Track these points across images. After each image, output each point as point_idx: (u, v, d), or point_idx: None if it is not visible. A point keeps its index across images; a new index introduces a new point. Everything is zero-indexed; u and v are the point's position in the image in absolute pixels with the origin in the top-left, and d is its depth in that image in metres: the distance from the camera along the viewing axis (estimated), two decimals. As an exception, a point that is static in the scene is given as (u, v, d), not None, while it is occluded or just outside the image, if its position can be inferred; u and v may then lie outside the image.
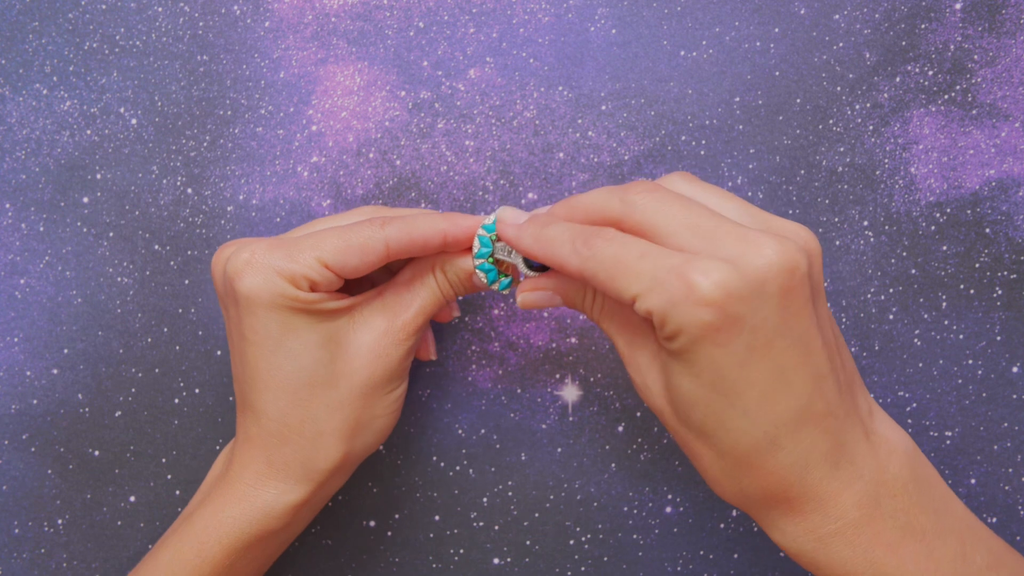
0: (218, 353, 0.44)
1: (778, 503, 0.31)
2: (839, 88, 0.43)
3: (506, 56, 0.43)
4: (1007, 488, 0.43)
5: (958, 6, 0.42)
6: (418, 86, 0.43)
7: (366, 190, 0.43)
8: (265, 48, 0.43)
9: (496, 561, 0.44)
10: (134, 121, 0.44)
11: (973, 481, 0.43)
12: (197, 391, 0.44)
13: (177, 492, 0.44)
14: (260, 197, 0.44)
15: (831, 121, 0.43)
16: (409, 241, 0.35)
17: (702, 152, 0.43)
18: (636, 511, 0.44)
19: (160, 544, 0.37)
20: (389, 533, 0.44)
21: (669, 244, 0.30)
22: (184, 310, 0.44)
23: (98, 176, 0.44)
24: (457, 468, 0.44)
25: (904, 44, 0.42)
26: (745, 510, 0.33)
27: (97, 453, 0.44)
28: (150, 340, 0.44)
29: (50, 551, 0.44)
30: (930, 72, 0.42)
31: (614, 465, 0.44)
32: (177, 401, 0.44)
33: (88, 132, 0.44)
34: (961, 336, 0.43)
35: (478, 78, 0.43)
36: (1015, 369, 0.43)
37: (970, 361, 0.43)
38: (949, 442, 0.43)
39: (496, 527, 0.44)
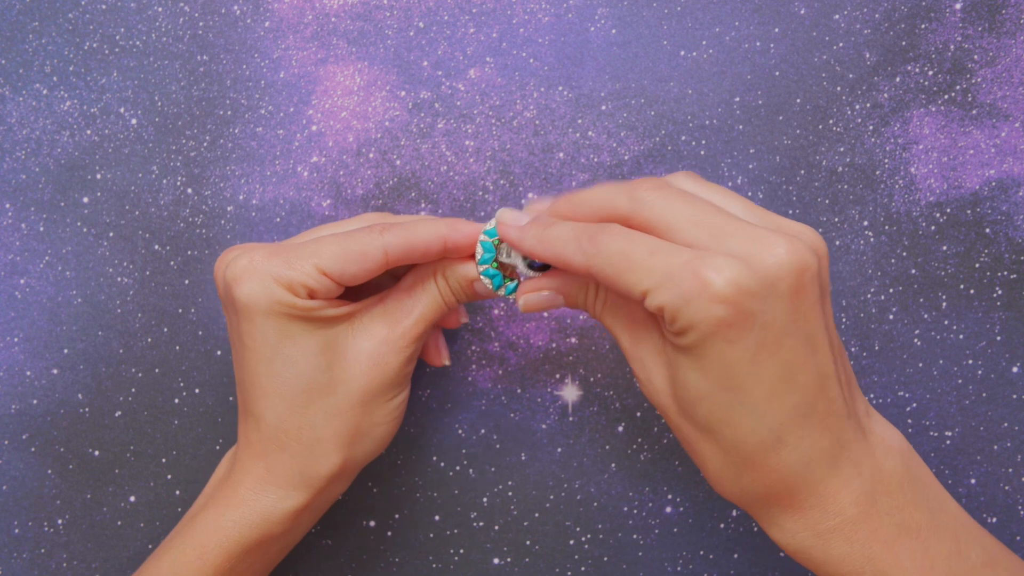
0: (218, 353, 0.44)
1: (779, 500, 0.31)
2: (839, 88, 0.43)
3: (506, 56, 0.43)
4: (1007, 488, 0.43)
5: (958, 6, 0.42)
6: (418, 86, 0.43)
7: (366, 190, 0.43)
8: (265, 48, 0.43)
9: (496, 561, 0.44)
10: (134, 121, 0.44)
11: (973, 481, 0.43)
12: (197, 391, 0.44)
13: (177, 492, 0.44)
14: (260, 197, 0.44)
15: (831, 121, 0.43)
16: (408, 248, 0.35)
17: (702, 152, 0.43)
18: (636, 511, 0.44)
19: (162, 547, 0.37)
20: (389, 533, 0.44)
21: (678, 241, 0.30)
22: (184, 310, 0.44)
23: (98, 176, 0.44)
24: (457, 468, 0.44)
25: (904, 44, 0.42)
26: (745, 507, 0.33)
27: (97, 453, 0.44)
28: (150, 340, 0.44)
29: (50, 551, 0.44)
30: (930, 72, 0.42)
31: (614, 465, 0.44)
32: (177, 401, 0.44)
33: (88, 132, 0.44)
34: (961, 336, 0.43)
35: (478, 78, 0.43)
36: (1015, 369, 0.43)
37: (970, 361, 0.43)
38: (949, 442, 0.43)
39: (496, 527, 0.44)
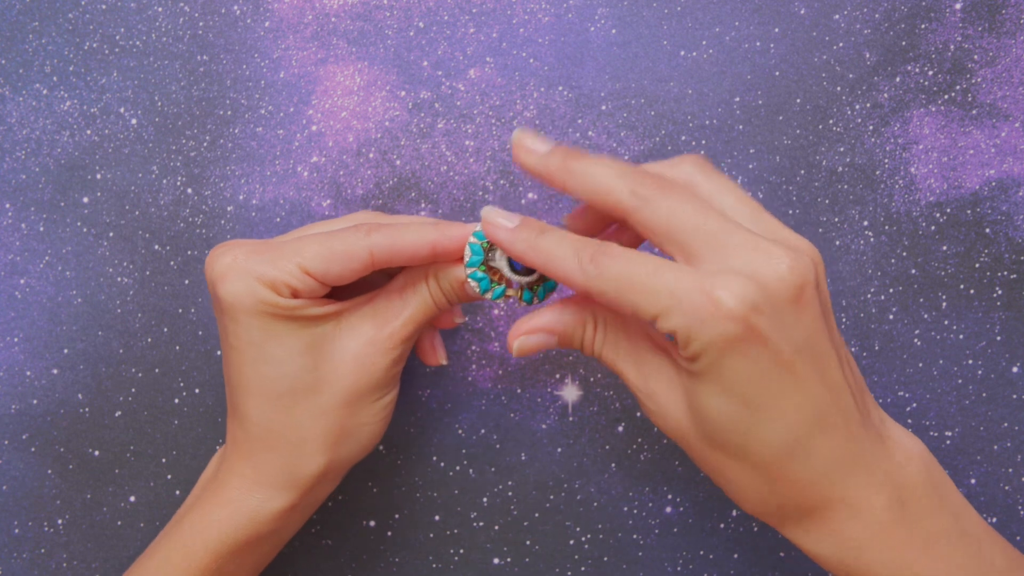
0: (218, 353, 0.44)
1: (813, 511, 0.31)
2: (839, 88, 0.43)
3: (506, 56, 0.43)
4: (1007, 488, 0.43)
5: (958, 6, 0.42)
6: (418, 86, 0.43)
7: (366, 190, 0.43)
8: (265, 48, 0.43)
9: (496, 561, 0.44)
10: (134, 121, 0.44)
11: (973, 481, 0.43)
12: (197, 391, 0.44)
13: (177, 492, 0.44)
14: (260, 197, 0.44)
15: (831, 121, 0.43)
16: (395, 250, 0.34)
17: (702, 152, 0.43)
18: (636, 511, 0.44)
19: (151, 548, 0.37)
20: (389, 533, 0.44)
21: (678, 248, 0.30)
22: (184, 310, 0.44)
23: (98, 176, 0.44)
24: (457, 468, 0.44)
25: (904, 44, 0.42)
26: (781, 525, 0.32)
27: (97, 453, 0.44)
28: (150, 340, 0.44)
29: (50, 551, 0.44)
30: (930, 72, 0.42)
31: (614, 465, 0.44)
32: (177, 401, 0.44)
33: (88, 132, 0.44)
34: (961, 336, 0.43)
35: (478, 78, 0.43)
36: (1015, 369, 0.43)
37: (970, 361, 0.43)
38: (949, 442, 0.43)
39: (496, 527, 0.44)
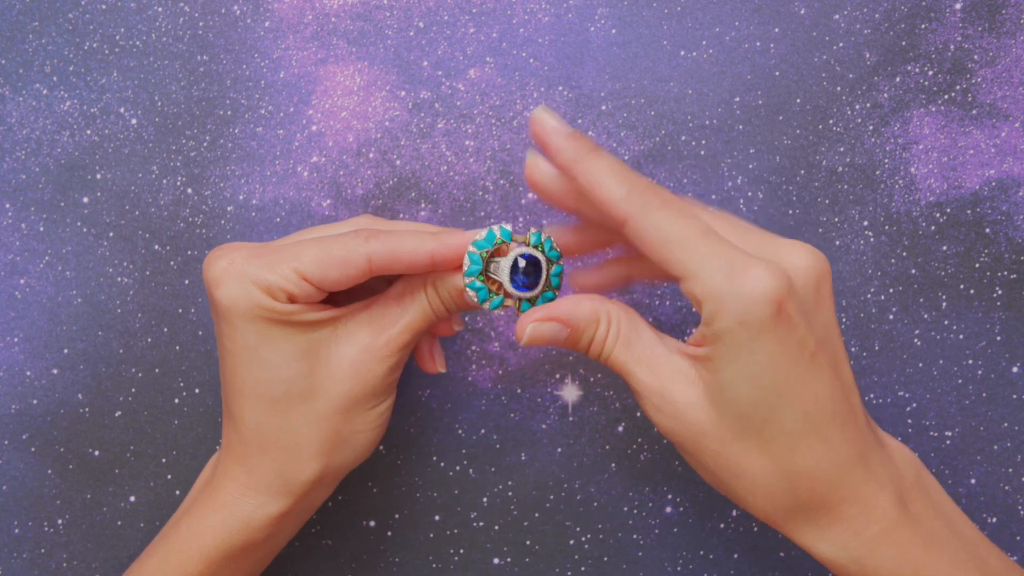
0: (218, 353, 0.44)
1: (823, 509, 0.31)
2: (839, 88, 0.43)
3: (506, 56, 0.43)
4: (1007, 488, 0.43)
5: (958, 6, 0.42)
6: (418, 86, 0.43)
7: (366, 190, 0.43)
8: (265, 48, 0.43)
9: (496, 561, 0.44)
10: (134, 121, 0.44)
11: (973, 481, 0.43)
12: (197, 391, 0.44)
13: (177, 492, 0.44)
14: (260, 197, 0.44)
15: (831, 121, 0.43)
16: (393, 258, 0.34)
17: (702, 152, 0.43)
18: (636, 511, 0.44)
19: (146, 552, 0.37)
20: (389, 533, 0.44)
21: (677, 257, 0.31)
22: (184, 310, 0.44)
23: (98, 176, 0.44)
24: (457, 468, 0.44)
25: (904, 44, 0.42)
26: (788, 525, 0.32)
27: (97, 453, 0.44)
28: (150, 340, 0.44)
29: (50, 551, 0.44)
30: (930, 72, 0.42)
31: (614, 465, 0.44)
32: (177, 401, 0.44)
33: (88, 132, 0.44)
34: (961, 336, 0.43)
35: (478, 78, 0.43)
36: (1015, 369, 0.43)
37: (970, 361, 0.43)
38: (949, 442, 0.43)
39: (496, 527, 0.44)
